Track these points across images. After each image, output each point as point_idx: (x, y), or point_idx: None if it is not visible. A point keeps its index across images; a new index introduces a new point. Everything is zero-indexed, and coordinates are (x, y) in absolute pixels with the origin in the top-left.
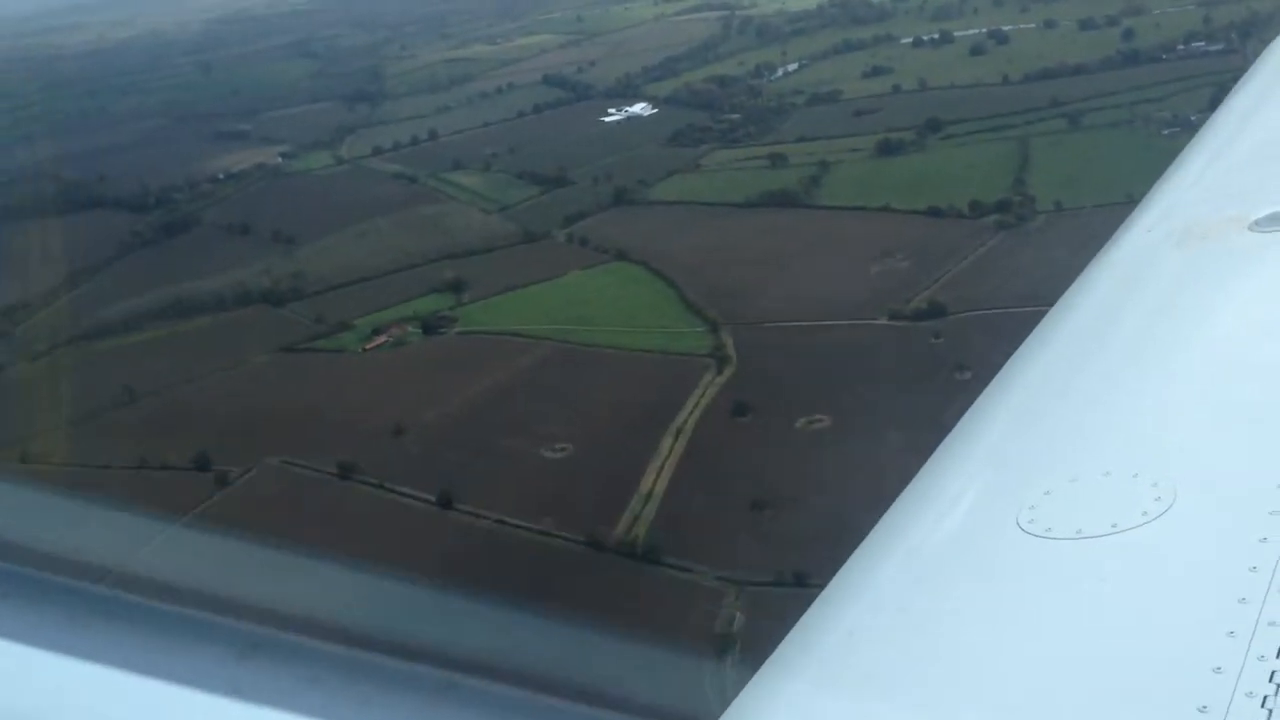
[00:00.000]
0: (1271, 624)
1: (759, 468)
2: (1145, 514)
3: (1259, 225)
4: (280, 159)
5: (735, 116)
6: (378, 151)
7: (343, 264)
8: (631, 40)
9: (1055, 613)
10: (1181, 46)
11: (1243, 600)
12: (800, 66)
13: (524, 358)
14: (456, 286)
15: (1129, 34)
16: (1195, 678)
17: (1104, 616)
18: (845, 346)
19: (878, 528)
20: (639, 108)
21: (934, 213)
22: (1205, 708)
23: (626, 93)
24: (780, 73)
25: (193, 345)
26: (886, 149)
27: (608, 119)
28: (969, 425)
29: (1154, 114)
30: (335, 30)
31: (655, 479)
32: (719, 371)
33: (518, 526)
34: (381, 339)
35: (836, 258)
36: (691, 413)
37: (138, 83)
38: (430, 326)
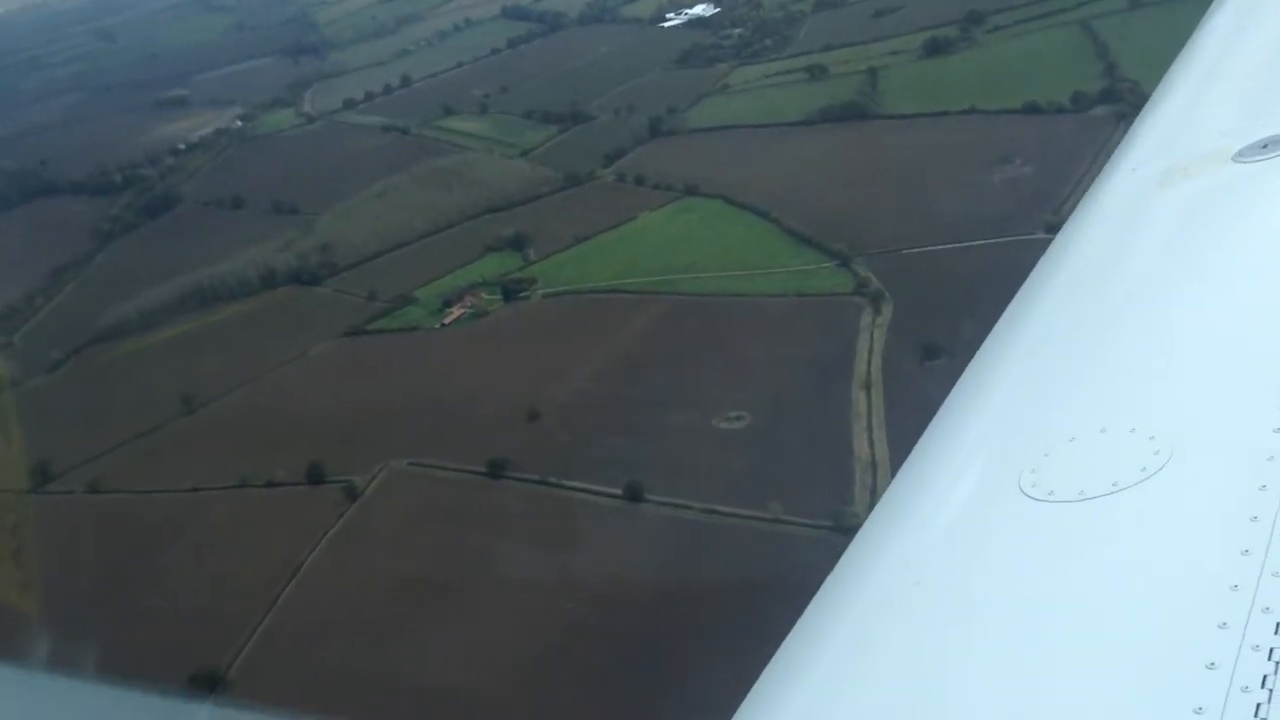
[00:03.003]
0: (1275, 574)
1: None
2: (1144, 470)
3: (1241, 156)
4: (239, 122)
5: (739, 31)
6: (350, 104)
7: (369, 230)
8: None
9: (1064, 579)
10: None
11: (1245, 552)
12: None
13: (638, 316)
14: (516, 243)
15: None
16: (1201, 633)
17: (1110, 579)
18: (1014, 268)
19: (883, 500)
20: (699, 9)
21: (1032, 109)
22: (1213, 664)
23: (604, 17)
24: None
25: (232, 339)
26: (934, 48)
27: (667, 24)
28: (967, 387)
29: None
30: None
31: (869, 443)
32: (877, 310)
33: (742, 516)
34: (458, 311)
35: (945, 169)
36: (870, 360)
37: (38, 58)
38: (510, 291)
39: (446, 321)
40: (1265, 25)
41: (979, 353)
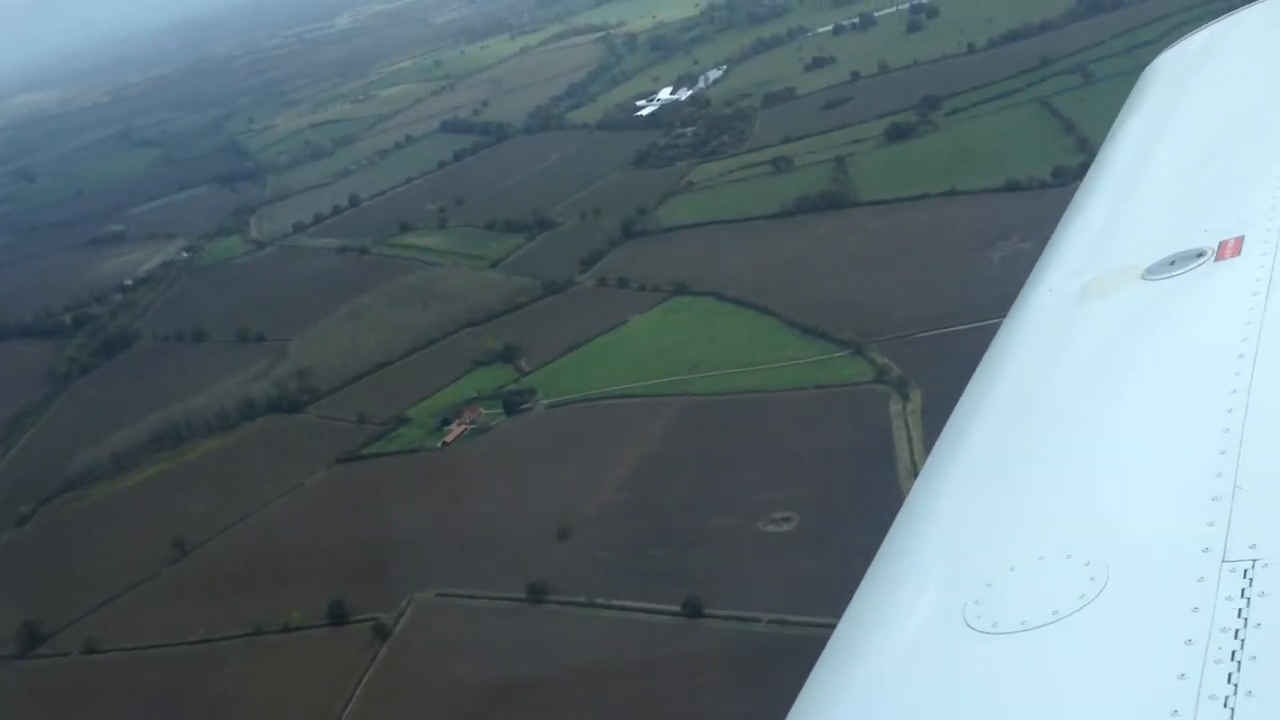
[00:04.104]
0: (1212, 698)
1: None
2: (1082, 597)
3: (1151, 273)
4: (185, 253)
5: (691, 129)
6: (299, 227)
7: (345, 353)
8: (509, 76)
9: (1013, 715)
10: None
11: (1182, 676)
12: (725, 72)
13: (652, 420)
14: (506, 355)
15: None
16: None
17: (1055, 713)
18: None
19: (833, 639)
20: (664, 93)
21: (1014, 186)
22: None
23: (549, 125)
24: (706, 81)
25: (216, 475)
26: (896, 134)
27: (642, 111)
28: (908, 519)
29: (1162, 50)
30: (154, 117)
31: None
32: (905, 397)
33: (819, 625)
34: (458, 428)
35: (941, 249)
36: (912, 449)
37: None
38: (511, 404)
39: (448, 440)
40: (1168, 142)
41: (917, 482)
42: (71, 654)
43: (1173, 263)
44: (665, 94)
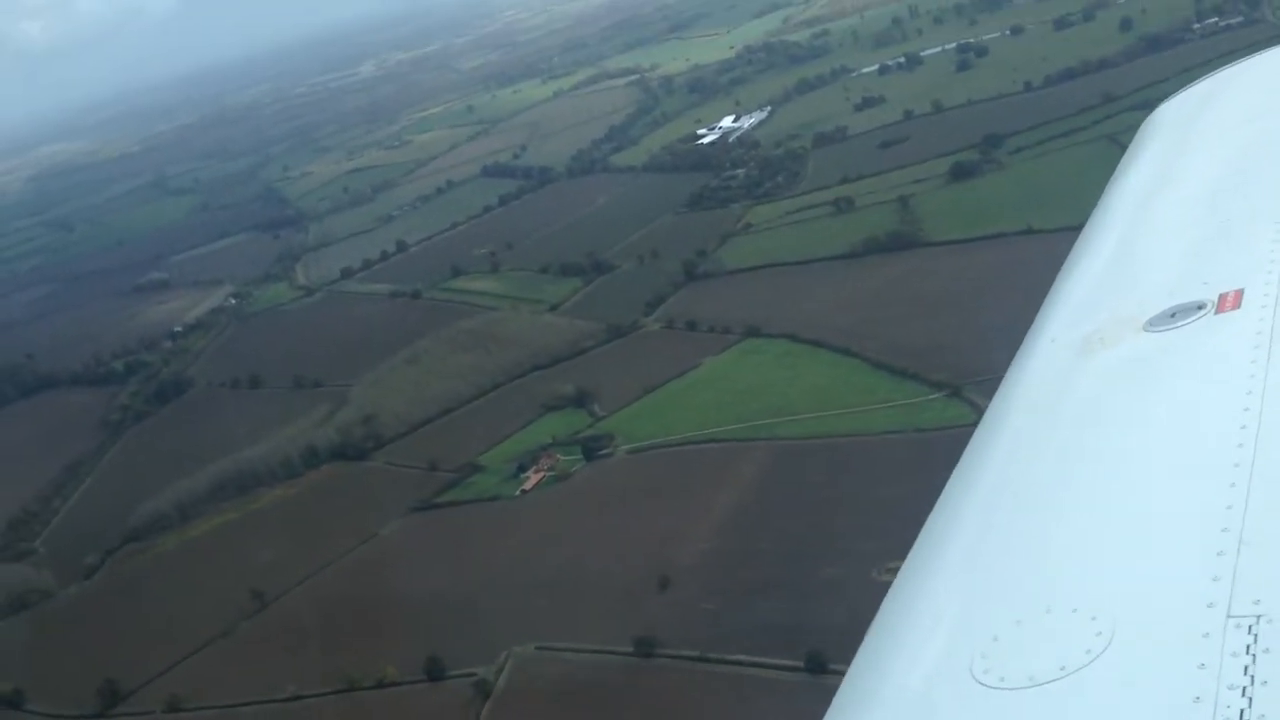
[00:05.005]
0: None
1: None
2: (1089, 652)
3: (1153, 325)
4: (233, 299)
5: (741, 171)
6: (348, 273)
7: (409, 398)
8: (545, 120)
9: None
10: (1197, 25)
11: None
12: (770, 113)
13: (742, 466)
14: (578, 399)
15: (1127, 23)
16: None
17: None
18: None
19: (840, 693)
20: (727, 121)
21: None
22: None
23: (593, 168)
24: (751, 121)
25: (286, 524)
26: (960, 173)
27: (704, 140)
28: (914, 571)
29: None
30: (186, 165)
31: None
32: None
33: None
34: (536, 475)
35: (1026, 288)
36: None
37: None
38: (590, 449)
39: (527, 488)
40: (1169, 193)
41: (922, 534)
42: (155, 713)
43: (1173, 315)
44: (728, 122)
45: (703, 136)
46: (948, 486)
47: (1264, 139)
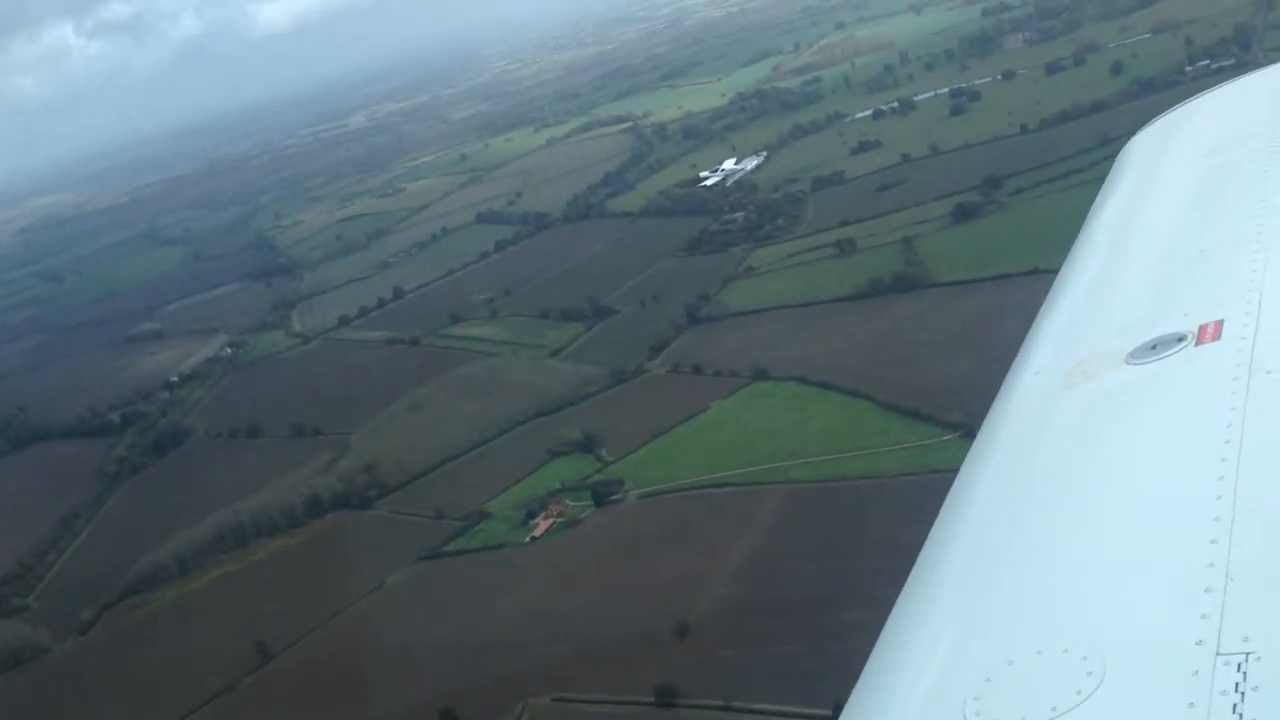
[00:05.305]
0: None
1: None
2: (1080, 692)
3: (1134, 358)
4: (229, 349)
5: (740, 214)
6: (344, 320)
7: (411, 446)
8: (539, 167)
9: None
10: (1189, 68)
11: None
12: (766, 158)
13: (755, 510)
14: (585, 445)
15: (1119, 67)
16: None
17: None
18: None
19: None
20: (729, 163)
21: None
22: None
23: (589, 213)
24: (749, 165)
25: (288, 575)
26: (962, 214)
27: (706, 182)
28: (905, 612)
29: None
30: (176, 216)
31: None
32: None
33: None
34: (546, 521)
35: None
36: None
37: None
38: (599, 495)
39: (536, 535)
40: (1146, 223)
41: (912, 574)
42: None
43: (1154, 347)
44: (729, 164)
45: (705, 179)
46: (935, 525)
47: (1238, 165)
